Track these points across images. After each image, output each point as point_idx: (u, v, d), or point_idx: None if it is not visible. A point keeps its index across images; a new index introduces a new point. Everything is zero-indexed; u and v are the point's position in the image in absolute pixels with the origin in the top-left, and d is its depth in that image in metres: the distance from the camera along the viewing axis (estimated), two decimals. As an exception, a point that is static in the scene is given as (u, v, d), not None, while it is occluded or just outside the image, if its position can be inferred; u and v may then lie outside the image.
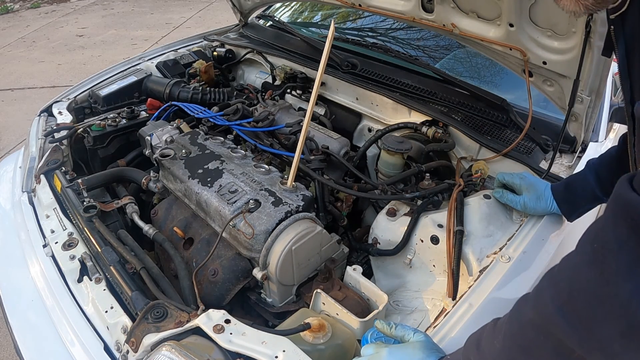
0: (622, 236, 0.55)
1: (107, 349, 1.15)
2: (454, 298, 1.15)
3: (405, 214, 1.40)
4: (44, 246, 1.44)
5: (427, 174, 1.48)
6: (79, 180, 1.57)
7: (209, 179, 1.45)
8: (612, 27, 0.76)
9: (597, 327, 0.57)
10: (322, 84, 2.04)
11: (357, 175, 1.57)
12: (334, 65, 2.00)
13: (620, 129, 1.79)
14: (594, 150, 1.54)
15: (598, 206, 1.23)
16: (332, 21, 1.77)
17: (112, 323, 1.16)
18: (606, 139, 1.64)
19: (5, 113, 4.83)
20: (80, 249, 1.38)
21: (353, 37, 2.32)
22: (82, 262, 1.34)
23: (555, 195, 1.25)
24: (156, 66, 2.36)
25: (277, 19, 2.60)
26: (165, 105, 2.00)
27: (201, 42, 2.62)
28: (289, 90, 2.20)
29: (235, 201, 1.35)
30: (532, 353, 0.67)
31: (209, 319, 1.04)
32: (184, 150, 1.58)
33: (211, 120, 1.86)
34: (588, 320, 0.58)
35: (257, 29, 2.59)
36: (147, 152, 1.78)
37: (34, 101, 4.94)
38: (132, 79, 2.18)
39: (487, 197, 1.34)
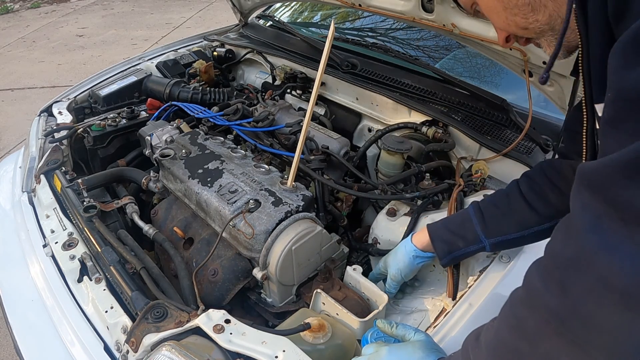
0: (584, 199, 0.60)
1: (107, 349, 1.14)
2: (454, 298, 1.15)
3: (405, 214, 1.40)
4: (44, 246, 1.44)
5: (427, 174, 1.48)
6: (79, 180, 1.57)
7: (209, 179, 1.45)
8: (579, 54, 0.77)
9: (570, 287, 0.60)
10: (322, 84, 2.04)
11: (357, 175, 1.57)
12: (334, 65, 2.00)
13: None
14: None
15: None
16: (332, 21, 1.77)
17: (112, 323, 1.16)
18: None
19: (5, 113, 4.83)
20: (80, 249, 1.38)
21: (353, 37, 2.32)
22: (82, 262, 1.34)
23: (430, 232, 1.16)
24: (156, 66, 2.36)
25: (277, 19, 2.59)
26: (165, 105, 2.00)
27: (201, 42, 2.62)
28: (289, 90, 2.20)
29: (235, 201, 1.35)
30: (518, 330, 0.69)
31: (209, 319, 1.04)
32: (184, 150, 1.58)
33: (211, 120, 1.86)
34: (562, 281, 0.61)
35: (257, 29, 2.59)
36: (147, 152, 1.78)
37: (34, 101, 4.94)
38: (132, 79, 2.18)
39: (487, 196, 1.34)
